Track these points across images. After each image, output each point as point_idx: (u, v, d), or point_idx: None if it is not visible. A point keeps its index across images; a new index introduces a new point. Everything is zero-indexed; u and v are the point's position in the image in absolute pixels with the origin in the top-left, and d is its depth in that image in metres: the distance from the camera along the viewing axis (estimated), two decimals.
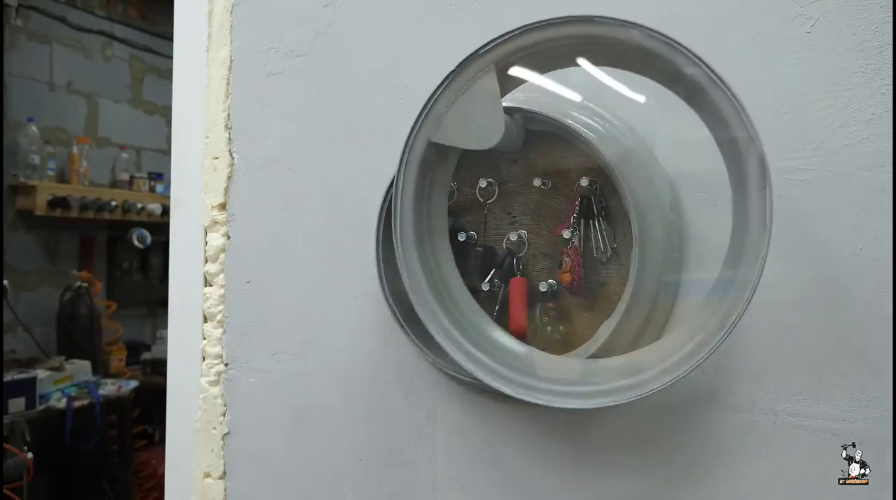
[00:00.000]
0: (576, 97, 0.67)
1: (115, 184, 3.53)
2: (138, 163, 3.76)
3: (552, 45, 0.58)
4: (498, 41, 0.58)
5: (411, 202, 0.63)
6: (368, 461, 0.78)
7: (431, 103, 0.60)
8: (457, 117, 0.61)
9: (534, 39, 0.57)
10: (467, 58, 0.59)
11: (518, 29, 0.57)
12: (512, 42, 0.58)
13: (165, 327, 0.95)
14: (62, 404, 2.64)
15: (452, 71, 0.59)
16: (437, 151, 0.63)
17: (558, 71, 0.62)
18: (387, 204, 0.72)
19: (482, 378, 0.60)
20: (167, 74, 2.85)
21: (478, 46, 0.58)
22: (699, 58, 0.52)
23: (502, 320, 0.69)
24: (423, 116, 0.61)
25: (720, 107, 0.52)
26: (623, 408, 0.66)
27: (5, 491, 2.30)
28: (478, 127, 0.62)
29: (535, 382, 0.60)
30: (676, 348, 0.55)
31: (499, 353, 0.63)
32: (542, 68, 0.61)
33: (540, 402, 0.58)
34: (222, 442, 0.87)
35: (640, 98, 0.63)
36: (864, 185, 0.58)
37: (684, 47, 0.52)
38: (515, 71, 0.60)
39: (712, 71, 0.52)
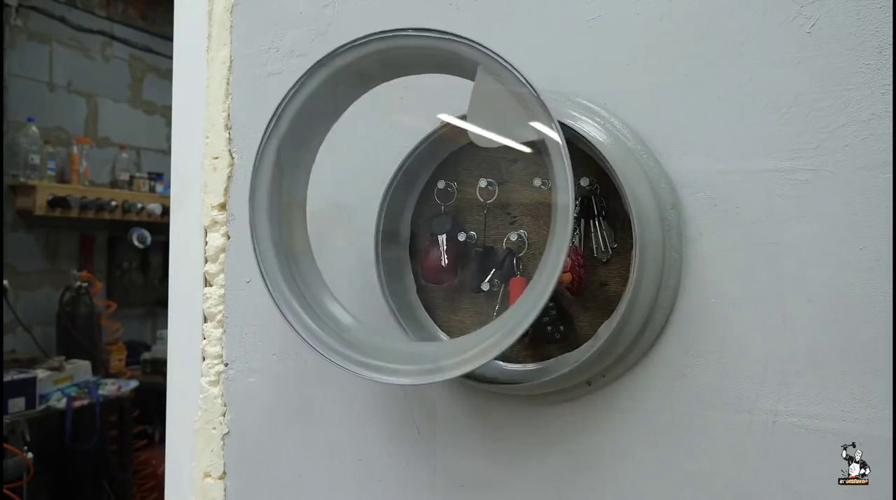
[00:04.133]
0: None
1: (115, 184, 3.53)
2: (138, 163, 3.76)
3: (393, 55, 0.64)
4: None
5: (268, 175, 0.69)
6: (368, 461, 0.78)
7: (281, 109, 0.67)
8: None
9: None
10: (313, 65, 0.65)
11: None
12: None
13: (165, 327, 0.95)
14: (62, 404, 2.64)
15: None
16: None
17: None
18: (387, 202, 0.72)
19: (310, 343, 0.65)
20: (167, 74, 2.85)
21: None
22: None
23: None
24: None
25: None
26: (623, 411, 0.66)
27: (5, 491, 2.30)
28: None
29: (354, 354, 0.65)
30: (474, 344, 0.60)
31: (332, 324, 0.68)
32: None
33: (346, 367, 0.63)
34: (222, 442, 0.87)
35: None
36: (864, 185, 0.58)
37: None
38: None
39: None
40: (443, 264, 0.71)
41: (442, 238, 0.71)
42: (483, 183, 0.70)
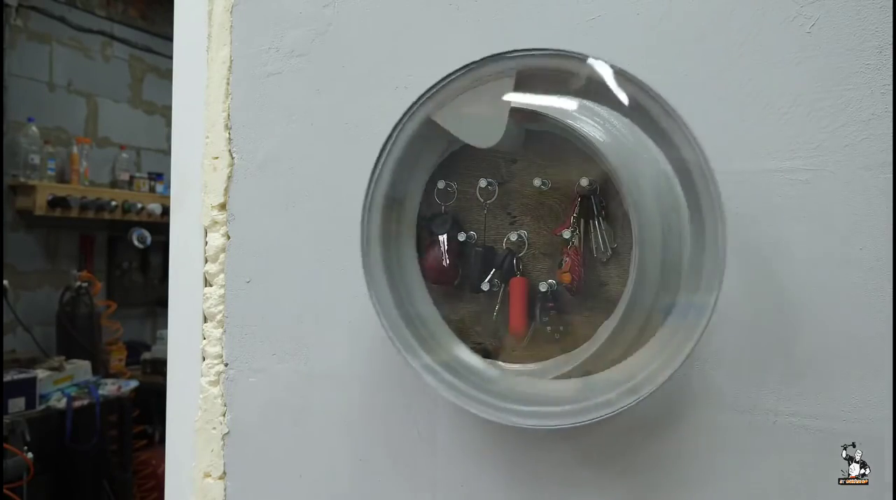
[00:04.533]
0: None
1: (115, 184, 3.53)
2: (138, 163, 3.76)
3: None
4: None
5: (379, 223, 0.67)
6: (368, 461, 0.78)
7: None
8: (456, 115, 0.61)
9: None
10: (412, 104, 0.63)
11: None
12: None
13: (165, 327, 0.95)
14: (62, 404, 2.64)
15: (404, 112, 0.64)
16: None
17: None
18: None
19: (459, 402, 0.63)
20: (167, 74, 2.85)
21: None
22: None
23: (502, 320, 0.69)
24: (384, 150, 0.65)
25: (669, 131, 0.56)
26: (623, 410, 0.66)
27: (5, 491, 2.30)
28: (479, 126, 0.62)
29: (508, 404, 0.63)
30: (633, 374, 0.58)
31: (467, 373, 0.66)
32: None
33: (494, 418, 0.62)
34: (222, 442, 0.87)
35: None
36: (864, 185, 0.58)
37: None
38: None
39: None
40: (444, 263, 0.71)
41: (443, 238, 0.71)
42: (483, 183, 0.70)
